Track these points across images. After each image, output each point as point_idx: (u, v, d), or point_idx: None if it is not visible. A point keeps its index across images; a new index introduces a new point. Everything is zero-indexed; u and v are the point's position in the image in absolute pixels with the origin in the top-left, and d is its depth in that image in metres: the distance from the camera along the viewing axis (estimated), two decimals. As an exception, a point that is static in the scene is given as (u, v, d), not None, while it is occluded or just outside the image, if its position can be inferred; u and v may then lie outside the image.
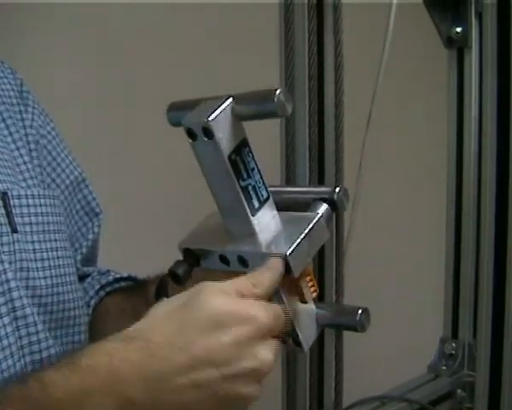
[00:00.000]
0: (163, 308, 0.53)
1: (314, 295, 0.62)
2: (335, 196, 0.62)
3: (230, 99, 0.57)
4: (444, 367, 1.02)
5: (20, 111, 0.74)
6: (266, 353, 0.52)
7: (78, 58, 1.20)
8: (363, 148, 0.84)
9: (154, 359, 0.50)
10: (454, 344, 1.03)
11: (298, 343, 0.61)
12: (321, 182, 0.86)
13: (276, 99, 0.54)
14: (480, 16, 0.95)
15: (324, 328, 0.82)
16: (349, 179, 0.85)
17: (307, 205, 0.63)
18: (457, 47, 0.99)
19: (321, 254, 0.85)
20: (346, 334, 0.87)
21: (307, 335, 0.61)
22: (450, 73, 1.01)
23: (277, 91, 0.54)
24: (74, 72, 1.19)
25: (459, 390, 1.00)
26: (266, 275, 0.55)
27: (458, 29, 0.98)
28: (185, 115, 0.57)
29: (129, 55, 1.25)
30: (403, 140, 1.59)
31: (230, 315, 0.51)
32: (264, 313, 0.52)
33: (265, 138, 0.85)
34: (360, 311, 0.61)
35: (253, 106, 0.57)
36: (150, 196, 1.28)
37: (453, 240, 1.02)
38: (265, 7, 0.92)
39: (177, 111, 0.61)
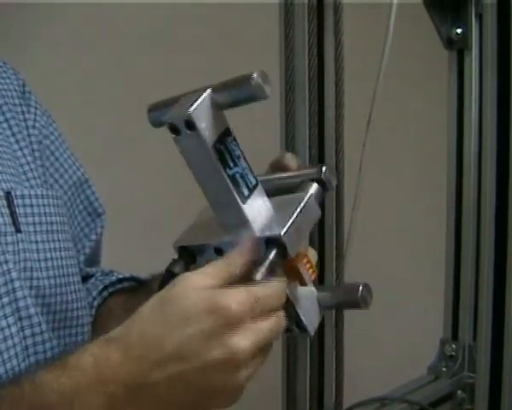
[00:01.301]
0: (142, 309, 0.54)
1: (313, 276, 0.62)
2: (322, 176, 0.62)
3: (209, 89, 0.57)
4: (444, 369, 1.02)
5: (23, 111, 0.74)
6: (238, 340, 0.50)
7: (78, 58, 1.20)
8: (363, 148, 0.84)
9: (131, 358, 0.51)
10: (454, 346, 1.02)
11: (303, 328, 0.60)
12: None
13: (253, 82, 0.54)
14: (480, 17, 0.95)
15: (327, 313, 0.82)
16: (349, 180, 0.85)
17: (296, 188, 0.63)
18: (457, 48, 0.99)
19: (321, 256, 0.85)
20: (347, 335, 0.87)
21: (311, 318, 0.61)
22: (450, 74, 1.01)
23: (254, 74, 0.55)
24: (75, 72, 1.19)
25: (459, 392, 1.00)
26: (237, 252, 0.55)
27: (458, 30, 0.98)
28: (166, 113, 0.57)
29: (129, 54, 1.25)
30: (403, 140, 1.59)
31: (197, 307, 0.51)
32: (234, 301, 0.51)
33: (266, 139, 0.85)
34: (361, 287, 0.60)
35: (232, 92, 0.57)
36: (150, 195, 1.28)
37: (453, 241, 1.02)
38: (265, 7, 0.92)
39: (158, 110, 0.61)
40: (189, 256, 0.62)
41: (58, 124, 0.79)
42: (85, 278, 0.79)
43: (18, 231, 0.64)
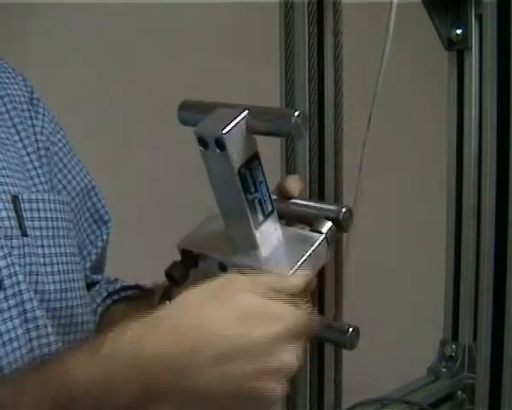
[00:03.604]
0: (193, 295, 0.52)
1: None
2: (340, 217, 0.61)
3: (246, 112, 0.56)
4: (444, 369, 1.02)
5: (31, 117, 0.74)
6: (290, 355, 0.51)
7: (78, 59, 1.20)
8: (363, 149, 0.84)
9: (183, 347, 0.49)
10: (454, 346, 1.02)
11: None
12: (321, 183, 0.85)
13: (293, 121, 0.54)
14: (480, 18, 0.95)
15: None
16: (349, 180, 0.85)
17: (310, 219, 0.62)
18: (457, 49, 0.99)
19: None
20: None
21: None
22: (450, 74, 1.01)
23: (295, 113, 0.54)
24: (74, 72, 1.19)
25: (459, 392, 1.00)
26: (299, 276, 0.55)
27: (458, 31, 0.98)
28: (197, 120, 0.56)
29: (129, 55, 1.25)
30: (403, 140, 1.59)
31: (261, 313, 0.51)
32: (293, 316, 0.52)
33: (266, 140, 0.85)
34: (351, 329, 0.61)
35: (269, 123, 0.56)
36: (150, 197, 1.28)
37: (453, 242, 1.02)
38: (265, 7, 0.92)
39: (189, 111, 0.60)
40: (191, 261, 0.62)
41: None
42: (90, 285, 0.79)
43: (24, 234, 0.64)
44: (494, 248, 0.81)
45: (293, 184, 0.64)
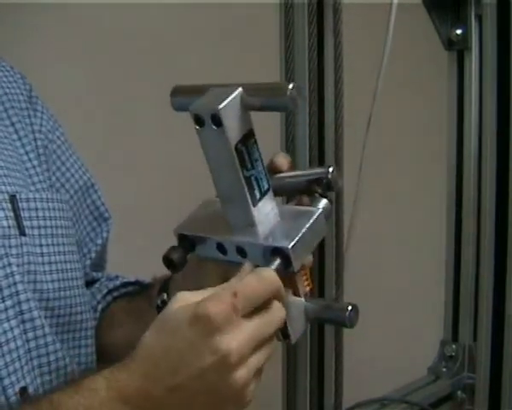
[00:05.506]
0: (145, 334, 0.54)
1: (307, 289, 0.62)
2: (329, 176, 0.62)
3: (240, 89, 0.56)
4: (444, 369, 1.02)
5: (29, 115, 0.74)
6: (227, 342, 0.51)
7: (78, 58, 1.20)
8: (363, 148, 0.84)
9: (136, 377, 0.52)
10: (454, 346, 1.03)
11: (286, 335, 0.60)
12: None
13: (288, 93, 0.54)
14: (479, 18, 0.96)
15: (317, 323, 0.83)
16: (349, 180, 0.85)
17: (302, 188, 0.63)
18: (457, 49, 0.99)
19: (321, 255, 0.85)
20: (347, 336, 0.87)
21: (296, 328, 0.61)
22: (450, 74, 1.01)
23: (290, 85, 0.54)
24: (74, 72, 1.19)
25: (459, 392, 1.00)
26: (253, 287, 0.53)
27: (458, 31, 0.98)
28: (192, 101, 0.57)
29: (128, 54, 1.25)
30: (403, 140, 1.59)
31: (181, 321, 0.52)
32: (213, 306, 0.51)
33: (266, 139, 0.85)
34: (350, 307, 0.61)
35: (264, 98, 0.56)
36: (150, 196, 1.28)
37: (453, 242, 1.02)
38: (265, 7, 0.92)
39: (182, 96, 0.60)
40: (189, 244, 0.62)
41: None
42: (91, 283, 0.79)
43: (22, 234, 0.64)
44: (494, 249, 0.81)
45: (281, 159, 0.65)
